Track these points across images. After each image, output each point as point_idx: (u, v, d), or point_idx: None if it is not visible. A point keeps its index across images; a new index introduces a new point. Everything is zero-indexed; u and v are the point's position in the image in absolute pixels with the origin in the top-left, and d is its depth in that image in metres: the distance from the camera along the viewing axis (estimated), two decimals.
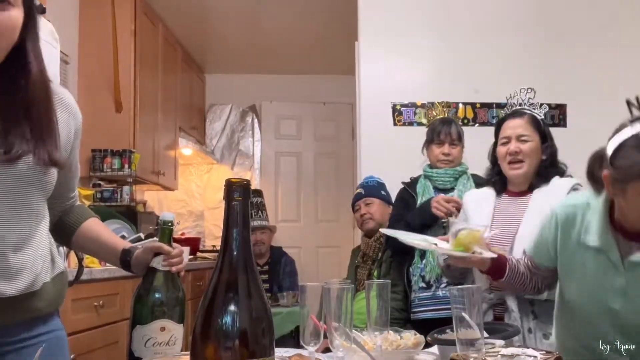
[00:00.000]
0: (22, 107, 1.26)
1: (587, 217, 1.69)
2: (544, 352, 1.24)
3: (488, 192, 2.37)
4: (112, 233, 1.66)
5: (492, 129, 2.42)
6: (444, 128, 2.89)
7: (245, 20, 5.18)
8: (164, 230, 1.50)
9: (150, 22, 4.66)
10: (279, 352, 1.48)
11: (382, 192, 3.32)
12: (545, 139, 2.27)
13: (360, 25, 3.85)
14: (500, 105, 3.67)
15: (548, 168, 2.26)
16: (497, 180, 2.33)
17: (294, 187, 6.32)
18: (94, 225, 1.59)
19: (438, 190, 2.84)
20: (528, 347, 1.29)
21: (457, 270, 2.28)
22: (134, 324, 1.42)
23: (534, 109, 2.30)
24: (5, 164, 1.22)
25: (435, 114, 3.08)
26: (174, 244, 1.53)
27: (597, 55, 3.80)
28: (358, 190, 3.39)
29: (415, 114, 3.74)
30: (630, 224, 1.56)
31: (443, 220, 2.64)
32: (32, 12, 1.28)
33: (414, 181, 2.98)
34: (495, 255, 1.80)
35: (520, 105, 2.33)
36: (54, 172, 1.33)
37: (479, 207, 2.33)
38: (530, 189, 2.25)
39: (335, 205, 6.23)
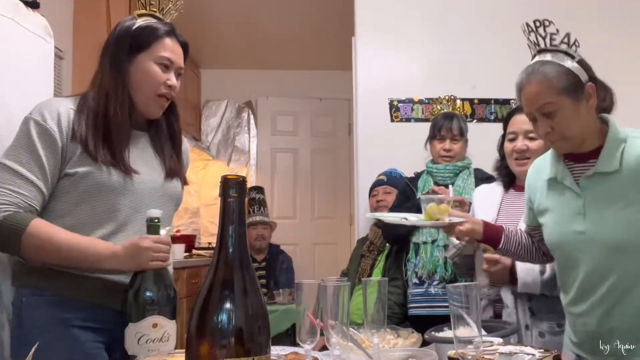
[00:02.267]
0: (171, 142, 1.79)
1: (545, 160, 1.80)
2: (542, 350, 1.23)
3: (496, 187, 2.35)
4: None
5: (490, 125, 2.42)
6: (445, 123, 2.88)
7: (240, 15, 5.15)
8: (151, 227, 1.51)
9: None
10: (275, 350, 1.47)
11: None
12: None
13: (356, 20, 3.84)
14: (498, 101, 3.66)
15: None
16: (505, 174, 2.31)
17: (290, 184, 6.31)
18: None
19: (438, 185, 2.84)
20: (525, 345, 1.28)
21: (464, 266, 2.27)
22: (125, 322, 1.42)
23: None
24: (167, 181, 1.73)
25: (439, 107, 3.07)
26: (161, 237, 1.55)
27: (595, 51, 3.78)
28: (380, 177, 3.37)
29: (412, 110, 3.73)
30: (562, 147, 1.68)
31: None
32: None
33: (417, 176, 2.99)
34: (462, 219, 1.90)
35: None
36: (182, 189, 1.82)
37: (486, 202, 2.32)
38: None
39: (332, 201, 6.22)
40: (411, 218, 2.00)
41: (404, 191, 3.00)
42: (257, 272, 4.60)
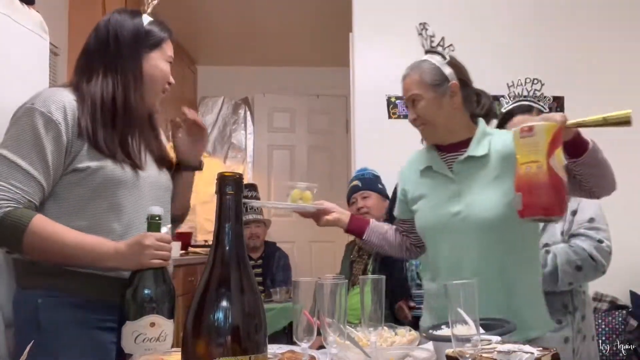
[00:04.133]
0: (155, 133, 1.81)
1: (419, 154, 2.02)
2: (541, 348, 1.23)
3: None
4: None
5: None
6: None
7: (238, 11, 5.14)
8: (151, 225, 1.49)
9: None
10: (272, 348, 1.46)
11: (379, 186, 3.25)
12: None
13: (354, 16, 3.83)
14: (496, 98, 3.65)
15: None
16: None
17: (287, 181, 6.27)
18: None
19: None
20: (524, 344, 1.28)
21: None
22: (123, 320, 1.41)
23: (539, 101, 2.26)
24: (161, 171, 1.76)
25: None
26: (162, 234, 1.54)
27: (595, 47, 3.79)
28: (354, 183, 3.29)
29: None
30: (428, 135, 1.90)
31: None
32: None
33: None
34: (314, 208, 2.06)
35: (525, 96, 2.29)
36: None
37: None
38: None
39: (329, 199, 6.13)
40: (276, 203, 2.20)
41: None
42: (253, 270, 4.63)
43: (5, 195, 1.49)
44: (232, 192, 0.91)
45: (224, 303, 0.87)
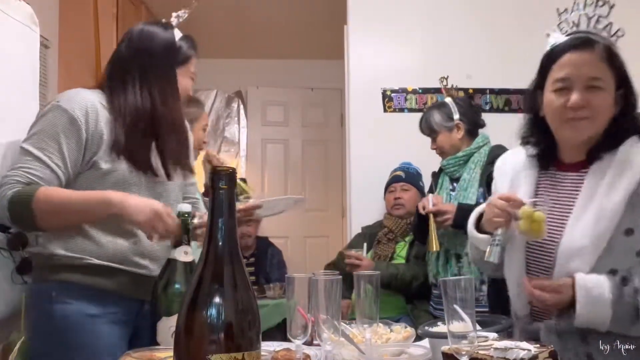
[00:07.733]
0: (185, 147, 1.83)
1: None
2: (538, 345, 1.22)
3: (527, 161, 1.62)
4: None
5: (485, 116, 2.36)
6: (419, 126, 2.90)
7: (230, 2, 5.11)
8: (181, 222, 1.52)
9: (132, 5, 4.57)
10: (266, 345, 1.45)
11: (421, 183, 3.26)
12: (621, 83, 1.48)
13: (349, 8, 3.81)
14: (493, 91, 3.63)
15: (620, 128, 1.49)
16: (540, 141, 1.58)
17: (281, 175, 6.28)
18: None
19: (452, 180, 2.81)
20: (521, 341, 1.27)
21: (488, 265, 1.65)
22: (157, 315, 1.46)
23: (608, 34, 1.70)
24: (186, 172, 1.83)
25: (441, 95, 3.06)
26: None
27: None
28: (398, 173, 3.28)
29: (406, 100, 3.71)
30: None
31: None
32: None
33: (438, 173, 2.97)
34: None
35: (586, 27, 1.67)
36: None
37: (513, 183, 1.63)
38: (590, 160, 1.51)
39: (324, 194, 6.19)
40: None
41: (430, 188, 2.98)
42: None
43: (15, 179, 1.55)
44: (225, 186, 0.90)
45: (217, 299, 0.87)
